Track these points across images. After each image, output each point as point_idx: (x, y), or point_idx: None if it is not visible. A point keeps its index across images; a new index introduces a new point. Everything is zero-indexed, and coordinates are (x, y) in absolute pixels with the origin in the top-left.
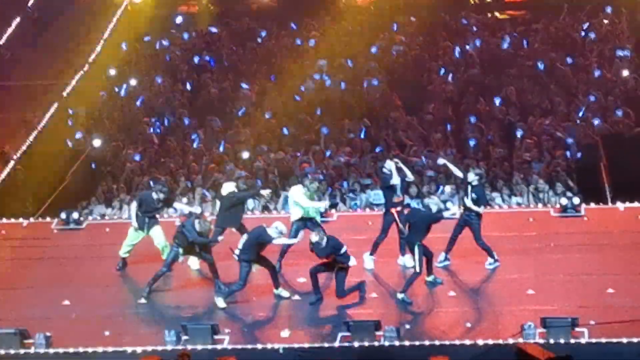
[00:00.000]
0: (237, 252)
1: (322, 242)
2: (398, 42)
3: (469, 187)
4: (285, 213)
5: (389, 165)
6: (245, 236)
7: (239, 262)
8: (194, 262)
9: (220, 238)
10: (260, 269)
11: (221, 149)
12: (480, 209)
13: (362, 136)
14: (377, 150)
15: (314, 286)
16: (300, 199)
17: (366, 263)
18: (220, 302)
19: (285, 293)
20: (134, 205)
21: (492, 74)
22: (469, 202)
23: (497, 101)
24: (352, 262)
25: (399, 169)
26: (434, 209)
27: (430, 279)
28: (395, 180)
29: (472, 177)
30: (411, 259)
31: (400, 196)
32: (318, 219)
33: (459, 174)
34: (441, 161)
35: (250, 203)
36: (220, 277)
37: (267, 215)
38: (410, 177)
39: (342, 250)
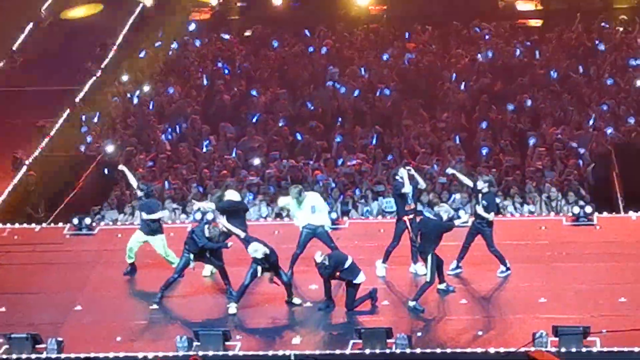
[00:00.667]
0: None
1: (325, 261)
2: (410, 50)
3: (479, 195)
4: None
5: (402, 173)
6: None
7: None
8: (206, 269)
9: (230, 244)
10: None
11: (233, 155)
12: (491, 216)
13: (373, 142)
14: (389, 158)
15: (326, 293)
16: (320, 205)
17: (378, 270)
18: (232, 308)
19: (297, 300)
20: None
21: (505, 83)
22: (479, 210)
23: (510, 109)
24: (360, 278)
25: (411, 177)
26: (445, 216)
27: (442, 286)
28: (407, 188)
29: (481, 184)
30: (423, 267)
31: (411, 204)
32: (328, 227)
33: (469, 182)
34: (450, 171)
35: (263, 210)
36: (232, 283)
37: (280, 222)
38: (422, 184)
39: (347, 264)
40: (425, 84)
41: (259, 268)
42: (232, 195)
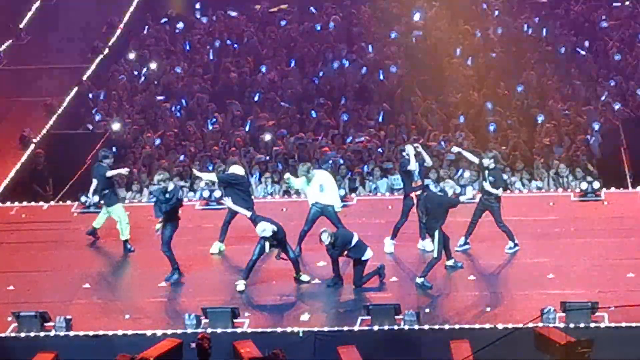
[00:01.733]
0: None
1: (332, 240)
2: (418, 26)
3: (486, 172)
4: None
5: (408, 149)
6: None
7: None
8: (214, 247)
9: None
10: (280, 255)
11: (247, 128)
12: (499, 192)
13: (380, 119)
14: (399, 135)
15: (334, 270)
16: (328, 184)
17: (387, 247)
18: (241, 285)
19: (305, 277)
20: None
21: (513, 59)
22: (487, 186)
23: (518, 86)
24: (368, 254)
25: (417, 154)
26: (450, 192)
27: (450, 262)
28: (413, 166)
29: (487, 161)
30: (431, 243)
31: (418, 181)
32: (338, 208)
33: (474, 159)
34: (455, 149)
35: (269, 187)
36: (240, 261)
37: (288, 199)
38: (428, 162)
39: (354, 242)
40: (432, 61)
41: (267, 244)
42: (236, 169)
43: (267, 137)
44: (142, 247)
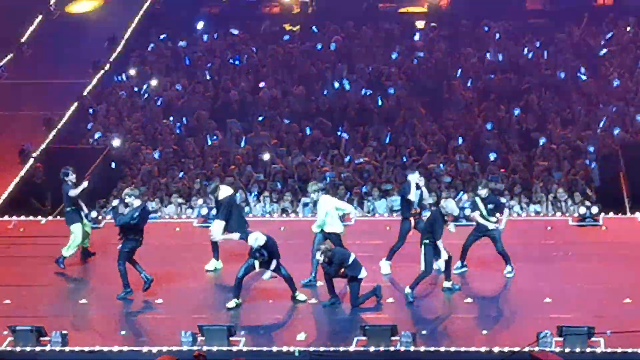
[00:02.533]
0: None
1: (327, 258)
2: (419, 48)
3: (481, 203)
4: (303, 216)
5: (411, 178)
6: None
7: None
8: (210, 264)
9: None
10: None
11: (242, 144)
12: (501, 221)
13: (386, 141)
14: (403, 159)
15: (330, 290)
16: (330, 207)
17: (383, 268)
18: (231, 303)
19: (302, 296)
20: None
21: (513, 82)
22: (488, 223)
23: (517, 109)
24: (363, 273)
25: (417, 186)
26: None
27: (447, 284)
28: (412, 196)
29: (483, 192)
30: (443, 264)
31: (417, 208)
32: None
33: (483, 221)
34: (452, 229)
35: (268, 206)
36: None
37: (286, 218)
38: (426, 198)
39: (350, 260)
40: (432, 82)
41: (257, 263)
42: (225, 191)
43: (266, 156)
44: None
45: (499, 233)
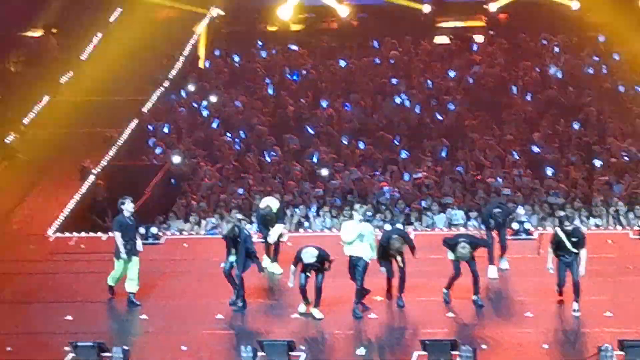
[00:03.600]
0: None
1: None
2: (477, 62)
3: (565, 237)
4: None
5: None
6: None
7: None
8: (275, 267)
9: None
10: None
11: (315, 159)
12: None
13: (443, 155)
14: (457, 169)
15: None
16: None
17: (490, 273)
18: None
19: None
20: (117, 235)
21: (572, 95)
22: (581, 254)
23: (576, 123)
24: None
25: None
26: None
27: (475, 298)
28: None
29: (568, 228)
30: (506, 263)
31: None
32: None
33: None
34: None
35: (328, 221)
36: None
37: (302, 234)
38: None
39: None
40: (491, 97)
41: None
42: (268, 201)
43: (325, 171)
44: (198, 279)
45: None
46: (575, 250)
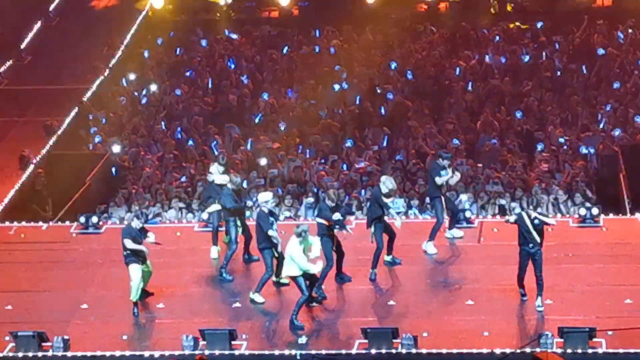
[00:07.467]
0: None
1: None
2: (418, 50)
3: (530, 222)
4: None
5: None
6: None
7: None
8: (213, 251)
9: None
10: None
11: (249, 146)
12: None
13: (384, 145)
14: (397, 158)
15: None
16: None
17: (429, 249)
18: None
19: (285, 280)
20: (128, 242)
21: (512, 84)
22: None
23: (518, 112)
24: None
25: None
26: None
27: (388, 258)
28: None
29: (532, 214)
30: (458, 231)
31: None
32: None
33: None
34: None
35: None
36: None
37: (288, 222)
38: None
39: None
40: (432, 86)
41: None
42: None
43: (263, 161)
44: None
45: (541, 256)
46: (539, 240)
